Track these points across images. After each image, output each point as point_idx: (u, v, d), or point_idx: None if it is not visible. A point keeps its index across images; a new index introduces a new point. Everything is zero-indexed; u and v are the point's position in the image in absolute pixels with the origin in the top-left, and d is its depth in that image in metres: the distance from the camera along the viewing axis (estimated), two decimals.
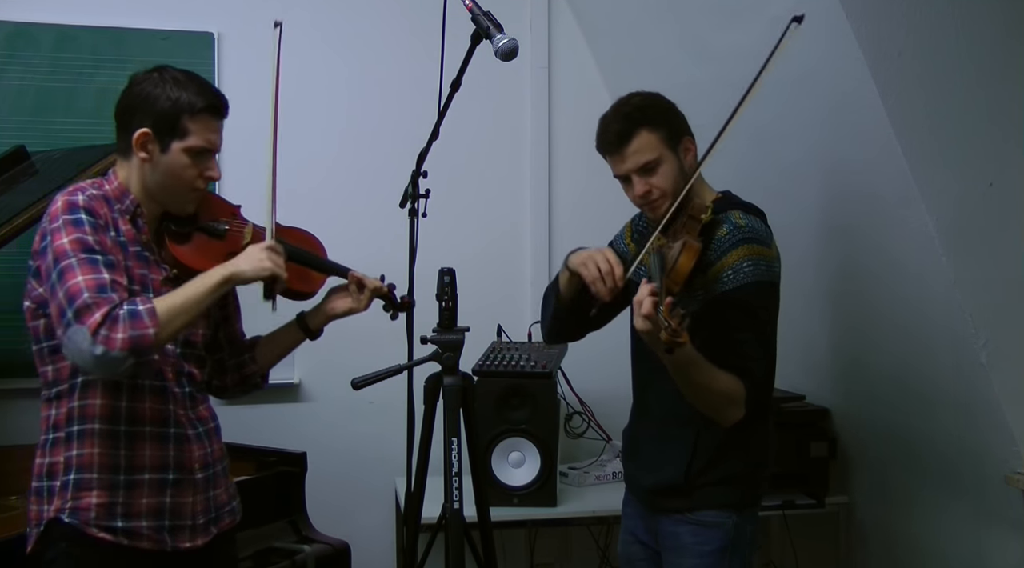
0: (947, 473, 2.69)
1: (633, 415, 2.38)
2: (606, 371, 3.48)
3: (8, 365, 3.16)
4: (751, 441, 2.17)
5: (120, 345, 1.72)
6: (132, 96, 1.94)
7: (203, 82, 1.97)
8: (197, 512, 1.98)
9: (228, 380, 2.21)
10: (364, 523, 3.40)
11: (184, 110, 1.91)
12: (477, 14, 2.21)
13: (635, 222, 2.41)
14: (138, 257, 1.94)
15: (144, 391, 1.92)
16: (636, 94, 2.21)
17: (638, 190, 2.16)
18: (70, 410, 1.90)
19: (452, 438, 2.25)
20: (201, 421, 2.03)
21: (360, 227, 3.37)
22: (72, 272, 1.77)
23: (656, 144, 2.13)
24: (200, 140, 1.94)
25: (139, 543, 1.91)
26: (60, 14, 3.22)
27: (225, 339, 2.18)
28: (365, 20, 3.50)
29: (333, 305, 2.19)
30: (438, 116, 2.29)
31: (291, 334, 2.21)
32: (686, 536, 2.16)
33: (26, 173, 2.91)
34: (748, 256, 2.06)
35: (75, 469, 1.88)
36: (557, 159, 3.66)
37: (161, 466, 1.93)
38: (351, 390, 2.15)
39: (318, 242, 2.23)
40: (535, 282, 3.62)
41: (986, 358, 2.36)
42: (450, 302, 2.29)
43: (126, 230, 1.93)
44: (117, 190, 1.95)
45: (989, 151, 2.29)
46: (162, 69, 1.96)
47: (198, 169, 1.96)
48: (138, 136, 1.91)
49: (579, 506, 3.13)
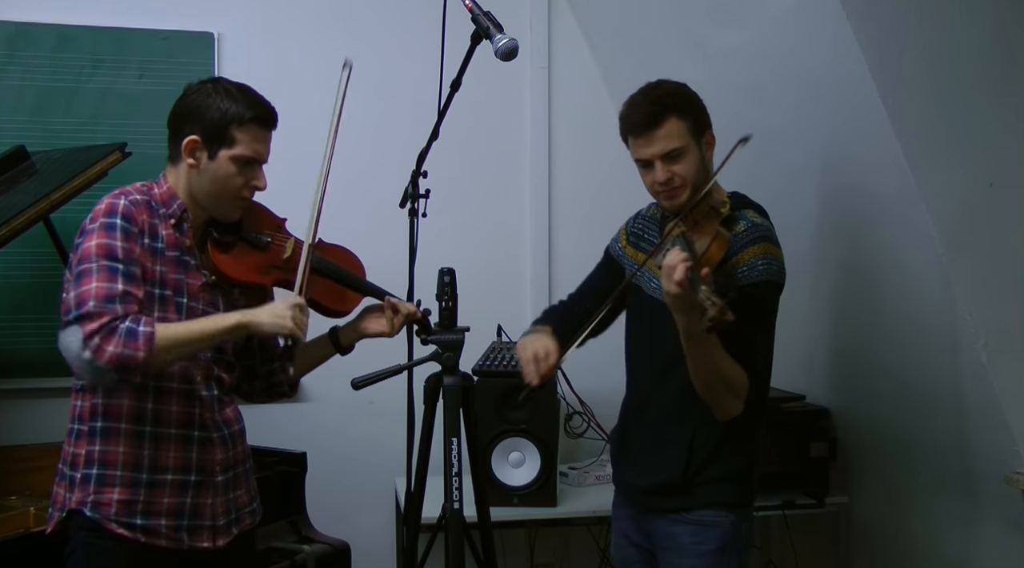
0: (947, 473, 2.69)
1: (626, 416, 2.37)
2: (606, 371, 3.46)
3: (8, 365, 3.16)
4: (747, 440, 2.18)
5: (107, 358, 1.79)
6: (185, 104, 2.00)
7: (254, 94, 2.04)
8: (217, 513, 2.03)
9: (257, 386, 2.24)
10: (364, 523, 3.40)
11: (233, 120, 1.97)
12: (477, 14, 2.22)
13: (630, 225, 2.40)
14: (176, 262, 1.99)
15: (171, 394, 1.97)
16: (665, 81, 2.20)
17: (660, 177, 2.13)
18: (94, 406, 1.95)
19: (452, 438, 2.25)
20: (227, 423, 2.07)
21: (360, 227, 3.35)
22: (89, 277, 1.84)
23: (683, 133, 2.11)
24: (247, 150, 1.99)
25: (156, 541, 1.95)
26: (60, 14, 3.22)
27: (258, 347, 2.21)
28: (365, 20, 3.50)
29: (366, 325, 2.23)
30: (438, 116, 2.29)
31: (322, 348, 2.23)
32: (684, 536, 2.16)
33: (26, 173, 2.91)
34: (763, 254, 2.09)
35: (98, 464, 1.94)
36: (557, 159, 3.66)
37: (184, 468, 1.98)
38: (351, 390, 2.15)
39: (358, 262, 2.27)
40: (535, 282, 3.62)
41: (986, 358, 2.36)
42: (450, 302, 2.30)
43: (167, 235, 1.98)
44: (165, 194, 2.01)
45: (989, 151, 2.29)
46: (216, 80, 2.04)
47: (244, 178, 2.01)
48: (187, 143, 1.98)
49: (579, 506, 3.13)
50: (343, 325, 2.25)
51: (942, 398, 2.60)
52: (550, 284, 3.63)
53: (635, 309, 2.29)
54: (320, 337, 2.23)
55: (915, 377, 2.70)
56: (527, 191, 3.65)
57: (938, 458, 2.71)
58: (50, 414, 3.12)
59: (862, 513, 3.12)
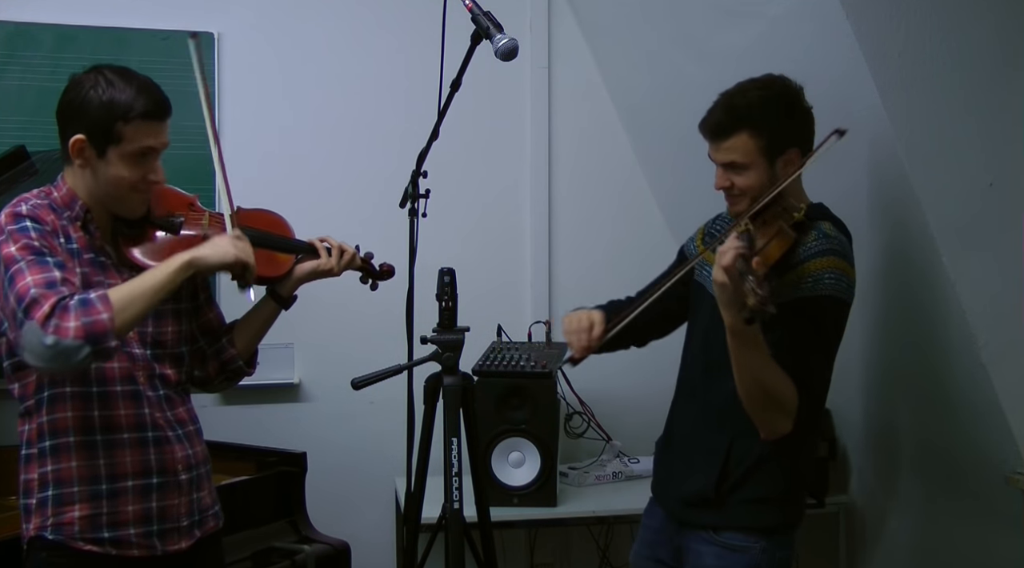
0: (947, 473, 2.69)
1: (671, 420, 2.29)
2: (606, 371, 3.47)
3: None
4: (792, 460, 2.08)
5: (73, 333, 1.67)
6: (67, 101, 1.87)
7: (142, 82, 1.88)
8: (182, 514, 1.95)
9: (211, 369, 2.13)
10: (364, 523, 3.40)
11: (118, 115, 1.83)
12: (477, 14, 2.21)
13: (708, 226, 2.34)
14: (93, 263, 1.89)
15: (116, 398, 1.88)
16: (759, 88, 2.08)
17: (719, 183, 2.08)
18: (40, 425, 1.86)
19: (452, 438, 2.26)
20: (180, 423, 1.98)
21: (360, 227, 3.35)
22: (21, 275, 1.74)
23: (751, 150, 2.02)
24: (137, 145, 1.86)
25: (128, 551, 1.88)
26: (60, 14, 3.21)
27: (199, 329, 2.12)
28: (365, 20, 3.50)
29: (300, 267, 2.13)
30: (438, 116, 2.29)
31: (264, 307, 2.14)
32: (709, 557, 2.08)
33: (26, 173, 2.90)
34: (832, 268, 1.99)
35: (53, 485, 1.85)
36: (557, 159, 3.66)
37: (144, 471, 1.90)
38: (351, 390, 2.15)
39: (284, 222, 2.17)
40: (535, 282, 3.62)
41: (986, 358, 2.35)
42: (450, 302, 2.30)
43: (78, 237, 1.88)
44: (66, 197, 1.90)
45: (989, 151, 2.29)
46: (99, 69, 1.88)
47: (140, 172, 1.88)
48: (73, 143, 1.85)
49: (579, 506, 3.13)
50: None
51: (942, 398, 2.60)
52: (550, 284, 3.63)
53: (696, 310, 2.24)
54: (260, 299, 2.13)
55: (915, 377, 2.70)
56: (527, 191, 3.65)
57: (938, 458, 2.71)
58: None
59: (862, 513, 3.12)
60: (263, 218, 2.14)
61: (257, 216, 2.13)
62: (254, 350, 2.17)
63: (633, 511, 3.15)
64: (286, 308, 2.15)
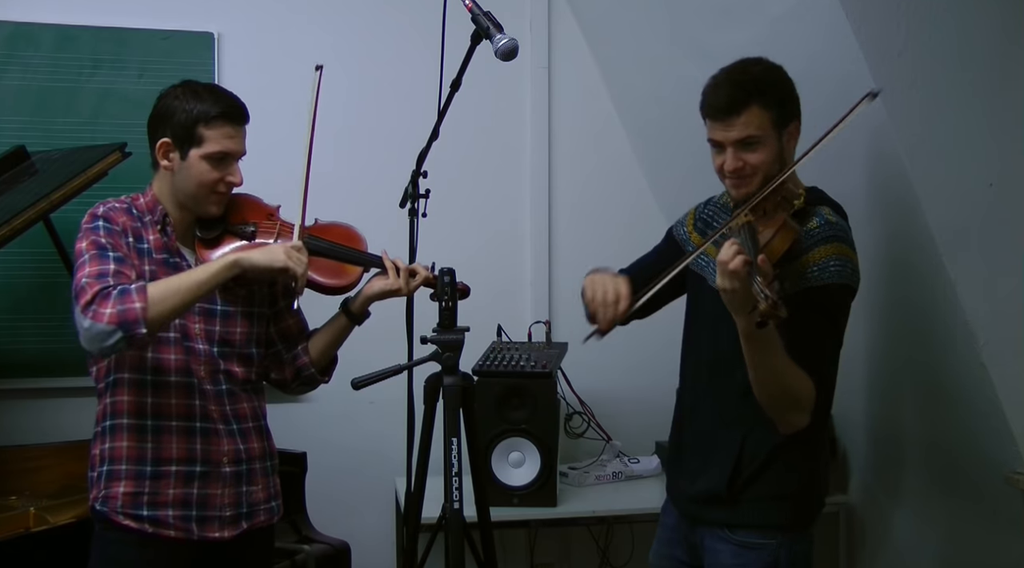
0: (947, 473, 2.69)
1: (679, 417, 2.27)
2: (606, 371, 3.49)
3: (8, 365, 3.16)
4: (805, 454, 2.06)
5: (107, 319, 1.84)
6: (156, 110, 2.07)
7: (222, 92, 2.09)
8: (225, 504, 2.07)
9: (287, 373, 2.27)
10: (364, 523, 3.40)
11: (199, 119, 2.03)
12: (477, 14, 2.22)
13: (699, 210, 2.31)
14: (165, 264, 2.06)
15: (170, 387, 2.04)
16: (758, 63, 2.07)
17: (730, 164, 2.03)
18: (104, 407, 2.05)
19: (452, 438, 2.25)
20: (239, 418, 2.12)
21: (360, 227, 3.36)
22: (83, 266, 1.93)
23: (764, 123, 2.01)
24: (216, 146, 2.04)
25: (164, 531, 2.02)
26: (60, 14, 3.22)
27: (277, 334, 2.26)
28: (365, 20, 3.50)
29: (371, 284, 2.26)
30: (438, 116, 2.29)
31: (336, 322, 2.27)
32: (726, 555, 2.06)
33: (26, 173, 2.91)
34: (836, 255, 1.98)
35: (107, 461, 2.03)
36: (557, 159, 3.66)
37: (188, 458, 2.04)
38: (351, 390, 2.15)
39: (357, 235, 2.30)
40: (535, 282, 3.62)
41: (986, 358, 2.35)
42: (450, 302, 2.29)
43: (153, 239, 2.06)
44: (150, 202, 2.09)
45: (989, 151, 2.29)
46: (186, 83, 2.09)
47: (219, 174, 2.06)
48: (160, 146, 2.06)
49: (579, 506, 3.13)
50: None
51: (942, 398, 2.60)
52: (550, 284, 3.63)
53: (696, 302, 2.22)
54: (333, 315, 2.27)
55: (915, 377, 2.70)
56: (527, 191, 3.65)
57: (938, 458, 2.71)
58: (50, 414, 3.14)
59: (862, 513, 3.12)
60: (336, 231, 2.28)
61: (331, 229, 2.28)
62: (328, 360, 2.31)
63: (633, 511, 3.18)
64: (358, 323, 2.27)
